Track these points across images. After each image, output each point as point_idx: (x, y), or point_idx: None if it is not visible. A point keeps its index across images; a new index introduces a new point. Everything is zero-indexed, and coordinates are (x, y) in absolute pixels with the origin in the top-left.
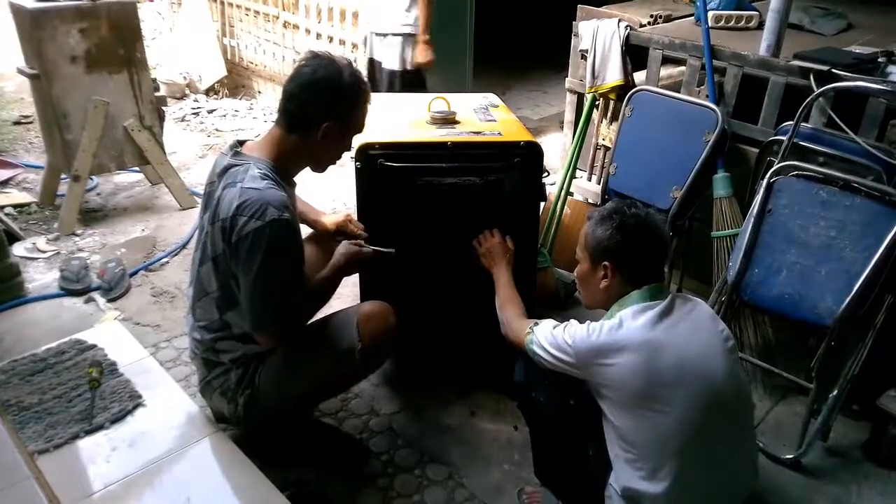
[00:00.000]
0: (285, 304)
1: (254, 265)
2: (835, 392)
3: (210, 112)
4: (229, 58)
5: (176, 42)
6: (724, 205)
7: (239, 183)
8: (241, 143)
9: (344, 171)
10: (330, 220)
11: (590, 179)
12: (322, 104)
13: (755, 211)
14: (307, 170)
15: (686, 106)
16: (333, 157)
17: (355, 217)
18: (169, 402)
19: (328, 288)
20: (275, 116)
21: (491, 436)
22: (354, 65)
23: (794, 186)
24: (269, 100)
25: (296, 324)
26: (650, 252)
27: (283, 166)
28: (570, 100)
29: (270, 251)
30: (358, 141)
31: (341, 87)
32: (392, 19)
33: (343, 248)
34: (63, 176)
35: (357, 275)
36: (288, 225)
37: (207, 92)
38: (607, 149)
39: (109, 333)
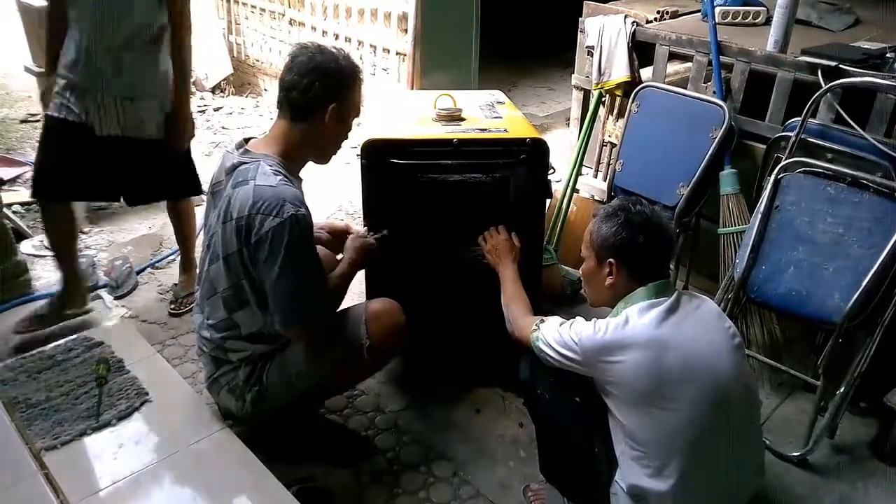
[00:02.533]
0: (311, 299)
1: (277, 263)
2: (842, 389)
3: (216, 110)
4: (235, 55)
5: None
6: (731, 201)
7: (251, 180)
8: (246, 140)
9: (349, 169)
10: (329, 228)
11: (596, 176)
12: (325, 87)
13: (762, 207)
14: (312, 169)
15: (693, 102)
16: (338, 142)
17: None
18: (176, 399)
19: (343, 284)
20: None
21: (496, 433)
22: (345, 51)
23: (802, 183)
24: (275, 97)
25: (323, 319)
26: (655, 249)
27: (291, 161)
28: (577, 96)
29: (292, 247)
30: (364, 138)
31: (339, 68)
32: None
33: (352, 242)
34: None
35: (363, 272)
36: (305, 219)
37: (213, 90)
38: (613, 145)
39: (116, 331)
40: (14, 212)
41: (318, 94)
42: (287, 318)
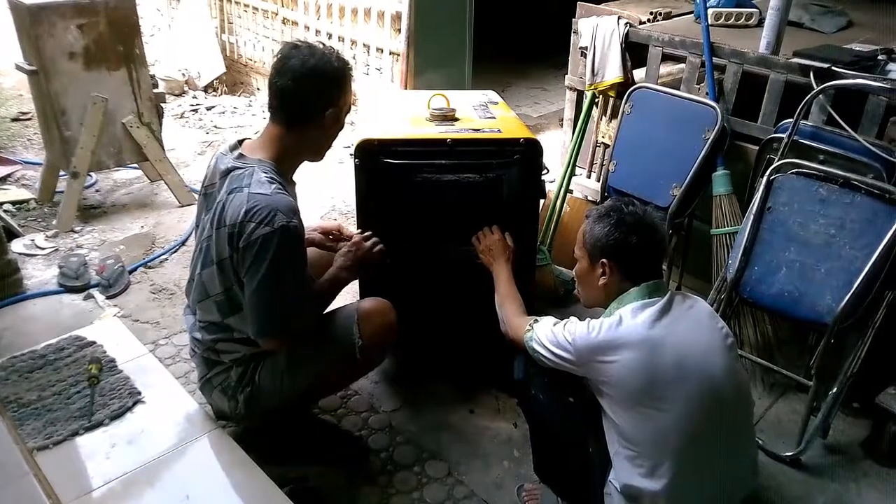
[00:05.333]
0: (288, 311)
1: (259, 271)
2: (834, 389)
3: (209, 109)
4: (228, 54)
5: (175, 39)
6: (724, 202)
7: (246, 188)
8: (240, 142)
9: (342, 169)
10: (321, 229)
11: (589, 177)
12: (321, 94)
13: (755, 208)
14: (305, 168)
15: (686, 103)
16: (331, 142)
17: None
18: (168, 399)
19: (333, 291)
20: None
21: (490, 433)
22: (334, 48)
23: (794, 184)
24: (267, 96)
25: (298, 331)
26: (648, 249)
27: (285, 165)
28: (570, 97)
29: (277, 257)
30: (357, 138)
31: (334, 72)
32: None
33: (348, 252)
34: (62, 173)
35: None
36: (296, 231)
37: (206, 89)
38: (607, 146)
39: (109, 330)
40: (5, 210)
41: (316, 102)
42: (262, 327)
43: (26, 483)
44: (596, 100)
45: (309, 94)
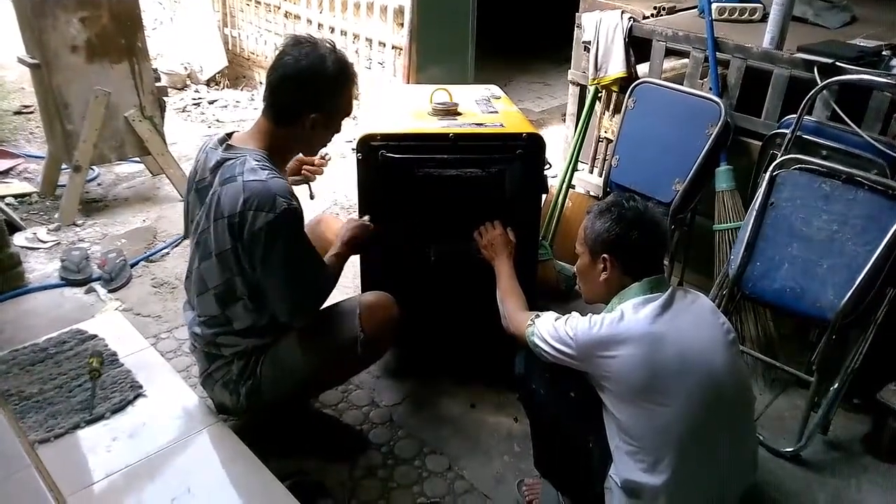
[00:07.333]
0: (315, 285)
1: (275, 258)
2: (835, 385)
3: (211, 103)
4: (230, 48)
5: (177, 32)
6: (727, 198)
7: (239, 176)
8: (228, 135)
9: (345, 163)
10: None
11: (591, 172)
12: (307, 96)
13: (757, 204)
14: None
15: (689, 98)
16: (323, 142)
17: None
18: (169, 392)
19: (340, 265)
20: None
21: (491, 427)
22: (338, 48)
23: (797, 180)
24: None
25: (322, 302)
26: (649, 244)
27: (276, 157)
28: (573, 92)
29: (288, 240)
30: (359, 132)
31: (325, 76)
32: None
33: (349, 223)
34: (64, 166)
35: (358, 267)
36: (297, 211)
37: (208, 82)
38: (609, 141)
39: (110, 324)
40: (7, 204)
41: (300, 103)
42: (293, 309)
43: (28, 475)
44: (599, 94)
45: (294, 93)
